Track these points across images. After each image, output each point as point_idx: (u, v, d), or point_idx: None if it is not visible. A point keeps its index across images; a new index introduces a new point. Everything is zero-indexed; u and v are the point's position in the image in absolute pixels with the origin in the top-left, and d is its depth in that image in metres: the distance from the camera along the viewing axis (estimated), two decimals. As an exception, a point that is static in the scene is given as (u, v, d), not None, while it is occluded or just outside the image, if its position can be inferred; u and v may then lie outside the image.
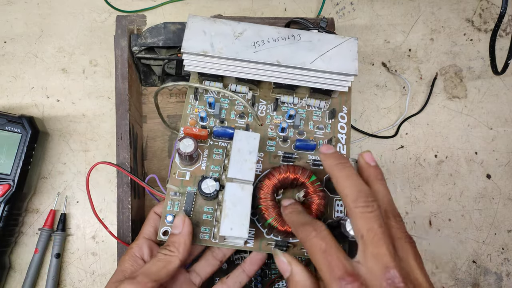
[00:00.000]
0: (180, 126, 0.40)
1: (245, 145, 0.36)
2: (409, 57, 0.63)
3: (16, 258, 0.49)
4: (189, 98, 0.42)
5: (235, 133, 0.36)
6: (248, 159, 0.35)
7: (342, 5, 0.63)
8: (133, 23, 0.46)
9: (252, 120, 0.42)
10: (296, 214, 0.33)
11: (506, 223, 0.59)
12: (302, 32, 0.42)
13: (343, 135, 0.43)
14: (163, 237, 0.37)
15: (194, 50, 0.40)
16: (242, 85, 0.42)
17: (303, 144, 0.40)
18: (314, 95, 0.43)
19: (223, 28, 0.41)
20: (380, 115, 0.60)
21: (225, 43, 0.40)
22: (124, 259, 0.38)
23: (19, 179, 0.46)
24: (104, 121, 0.54)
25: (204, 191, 0.36)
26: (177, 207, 0.38)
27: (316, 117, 0.43)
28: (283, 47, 0.41)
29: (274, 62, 0.40)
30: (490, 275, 0.57)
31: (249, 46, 0.40)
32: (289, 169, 0.37)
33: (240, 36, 0.40)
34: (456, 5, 0.65)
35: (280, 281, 0.46)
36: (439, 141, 0.60)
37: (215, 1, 0.60)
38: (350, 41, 0.42)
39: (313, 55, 0.41)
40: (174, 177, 0.39)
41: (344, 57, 0.42)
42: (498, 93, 0.63)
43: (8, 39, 0.55)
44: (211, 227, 0.37)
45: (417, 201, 0.58)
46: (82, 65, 0.56)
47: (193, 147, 0.36)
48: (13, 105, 0.53)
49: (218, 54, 0.39)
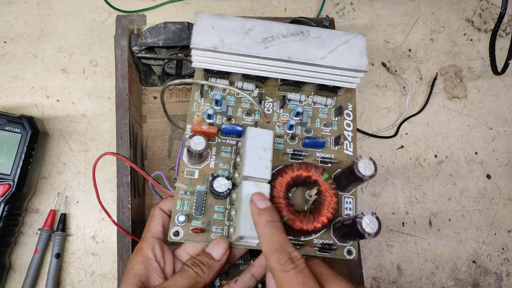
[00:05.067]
0: (187, 124, 0.39)
1: (259, 142, 0.35)
2: (409, 57, 0.63)
3: (16, 258, 0.49)
4: (194, 96, 0.41)
5: (248, 130, 0.35)
6: (263, 156, 0.35)
7: (342, 5, 0.63)
8: (133, 22, 0.46)
9: (259, 117, 0.41)
10: (275, 230, 0.30)
11: (506, 223, 0.59)
12: (310, 29, 0.41)
13: (350, 133, 0.44)
14: (174, 238, 0.35)
15: (204, 46, 0.38)
16: (249, 82, 0.42)
17: (312, 142, 0.40)
18: (321, 92, 0.43)
19: (232, 24, 0.40)
20: (380, 115, 0.60)
21: (235, 38, 0.39)
22: (137, 261, 0.35)
23: (19, 179, 0.46)
24: (104, 121, 0.54)
25: (217, 190, 0.35)
26: (187, 207, 0.37)
27: (322, 115, 0.43)
28: (293, 43, 0.40)
29: (285, 58, 0.39)
30: (490, 275, 0.57)
31: (259, 42, 0.39)
32: (302, 167, 0.36)
33: (249, 32, 0.39)
34: (456, 5, 0.65)
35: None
36: (439, 141, 0.60)
37: (215, 1, 0.60)
38: (358, 37, 0.42)
39: (323, 51, 0.41)
40: (182, 176, 0.37)
41: (353, 54, 0.41)
42: (498, 93, 0.63)
43: (8, 39, 0.55)
44: (223, 226, 0.36)
45: (417, 201, 0.58)
46: (82, 65, 0.56)
47: (204, 145, 0.34)
48: (13, 105, 0.53)
49: (229, 50, 0.38)
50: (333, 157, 0.43)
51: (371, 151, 0.59)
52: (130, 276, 0.34)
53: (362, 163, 0.35)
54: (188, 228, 0.36)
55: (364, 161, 0.35)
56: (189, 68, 0.51)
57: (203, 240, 0.36)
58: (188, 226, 0.36)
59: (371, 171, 0.35)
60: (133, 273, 0.34)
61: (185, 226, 0.36)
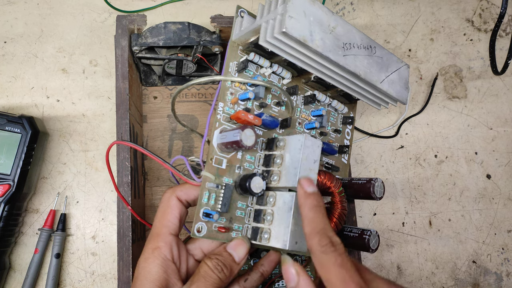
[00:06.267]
0: (219, 101, 0.35)
1: (311, 153, 0.33)
2: (409, 57, 0.63)
3: (16, 258, 0.49)
4: (228, 68, 0.37)
5: (305, 139, 0.33)
6: (312, 168, 0.33)
7: (342, 5, 0.63)
8: (133, 22, 0.46)
9: (285, 109, 0.39)
10: (320, 214, 0.30)
11: (506, 223, 0.59)
12: (377, 46, 0.40)
13: (348, 141, 0.45)
14: (197, 235, 0.32)
15: (296, 34, 0.32)
16: (288, 71, 0.39)
17: (328, 148, 0.41)
18: (339, 97, 0.43)
19: (320, 15, 0.35)
20: (380, 115, 0.60)
21: (321, 35, 0.35)
22: (155, 263, 0.31)
23: (19, 179, 0.46)
24: (104, 121, 0.54)
25: (253, 189, 0.33)
26: (213, 201, 0.33)
27: (333, 119, 0.44)
28: (363, 58, 0.38)
29: (358, 73, 0.37)
30: (490, 275, 0.57)
31: (340, 47, 0.36)
32: (326, 176, 0.37)
33: (333, 31, 0.36)
34: (456, 5, 0.65)
35: (280, 281, 0.46)
36: (439, 141, 0.60)
37: (215, 1, 0.60)
38: (405, 67, 0.42)
39: (381, 74, 0.40)
40: (210, 164, 0.33)
41: (400, 83, 0.42)
42: (498, 93, 0.63)
43: (8, 39, 0.55)
44: (243, 225, 0.35)
45: (417, 201, 0.58)
46: (82, 65, 0.56)
47: (254, 140, 0.32)
48: (13, 105, 0.53)
49: (315, 47, 0.34)
50: (334, 163, 0.43)
51: (371, 151, 0.59)
52: (148, 282, 0.30)
53: (378, 186, 0.37)
54: (212, 224, 0.33)
55: (379, 184, 0.37)
56: (189, 68, 0.51)
57: (224, 239, 0.34)
58: (212, 222, 0.33)
59: (382, 194, 0.37)
60: (152, 278, 0.30)
61: (209, 222, 0.33)
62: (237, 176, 0.35)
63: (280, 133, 0.39)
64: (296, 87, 0.39)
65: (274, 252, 0.36)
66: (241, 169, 0.36)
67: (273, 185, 0.34)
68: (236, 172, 0.35)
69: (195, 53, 0.47)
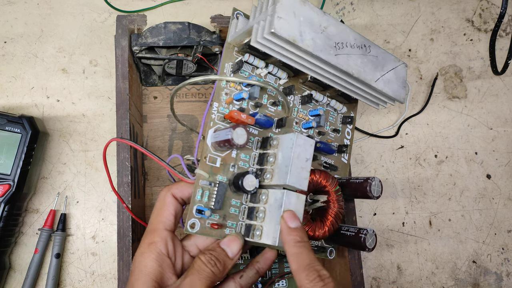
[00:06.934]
0: (214, 101, 0.36)
1: (303, 152, 0.33)
2: (409, 57, 0.63)
3: (16, 258, 0.49)
4: (224, 69, 0.37)
5: (297, 137, 0.33)
6: (304, 167, 0.33)
7: (342, 5, 0.63)
8: (133, 22, 0.46)
9: (281, 108, 0.40)
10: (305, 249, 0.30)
11: (506, 223, 0.59)
12: (371, 45, 0.40)
13: (348, 141, 0.45)
14: (190, 231, 0.33)
15: (285, 35, 0.33)
16: (283, 71, 0.39)
17: (326, 147, 0.40)
18: (337, 97, 0.43)
19: (311, 15, 0.35)
20: (380, 115, 0.60)
21: (312, 36, 0.35)
22: (150, 258, 0.32)
23: (19, 179, 0.46)
24: (104, 121, 0.54)
25: (245, 187, 0.34)
26: (207, 198, 0.34)
27: (332, 118, 0.44)
28: (357, 57, 0.38)
29: (351, 73, 0.38)
30: (490, 275, 0.57)
31: (332, 47, 0.36)
32: (321, 176, 0.37)
33: (324, 31, 0.36)
34: (456, 5, 0.65)
35: (280, 281, 0.46)
36: (439, 141, 0.60)
37: (215, 1, 0.60)
38: (401, 66, 0.42)
39: (377, 73, 0.40)
40: (204, 162, 0.34)
41: (397, 82, 0.41)
42: (498, 93, 0.63)
43: (8, 39, 0.55)
44: (237, 222, 0.35)
45: (417, 201, 0.58)
46: (82, 65, 0.56)
47: (245, 139, 0.32)
48: (13, 105, 0.53)
49: (306, 47, 0.34)
50: (333, 163, 0.43)
51: (371, 151, 0.59)
52: (143, 275, 0.31)
53: (375, 185, 0.37)
54: (205, 221, 0.34)
55: (376, 183, 0.37)
56: (189, 68, 0.51)
57: (217, 235, 0.35)
58: (204, 219, 0.34)
59: (379, 193, 0.37)
60: (147, 271, 0.31)
61: (201, 218, 0.34)
62: (231, 174, 0.36)
63: (276, 132, 0.39)
64: (292, 87, 0.39)
65: (270, 249, 0.37)
66: (236, 167, 0.36)
67: (266, 183, 0.35)
68: (230, 171, 0.36)
69: (195, 53, 0.47)
